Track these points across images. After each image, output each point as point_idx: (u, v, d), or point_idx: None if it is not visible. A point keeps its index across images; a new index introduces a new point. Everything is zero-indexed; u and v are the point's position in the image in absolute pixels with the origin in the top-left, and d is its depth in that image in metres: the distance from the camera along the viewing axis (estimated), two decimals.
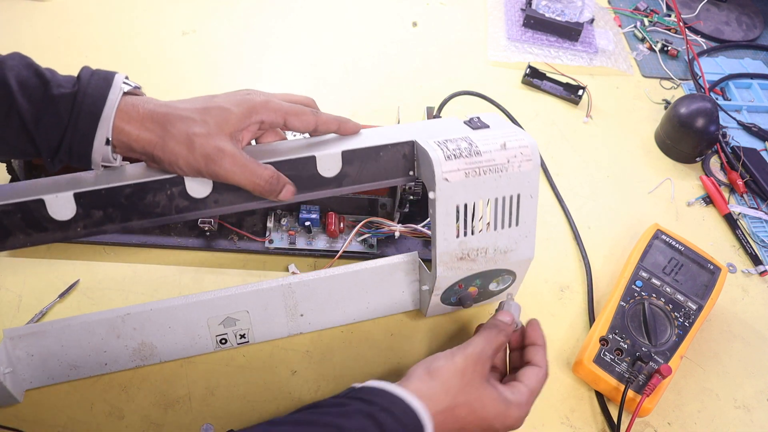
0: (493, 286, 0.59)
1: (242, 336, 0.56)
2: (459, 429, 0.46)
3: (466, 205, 0.51)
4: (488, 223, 0.53)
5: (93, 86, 0.46)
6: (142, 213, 0.50)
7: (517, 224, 0.54)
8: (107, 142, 0.47)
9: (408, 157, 0.54)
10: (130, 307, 0.53)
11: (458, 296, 0.57)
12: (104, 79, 0.47)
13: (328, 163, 0.52)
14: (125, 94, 0.47)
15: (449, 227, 0.52)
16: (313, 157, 0.51)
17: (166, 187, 0.49)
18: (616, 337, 0.60)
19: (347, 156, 0.52)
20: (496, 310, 0.56)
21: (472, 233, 0.53)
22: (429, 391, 0.46)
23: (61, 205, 0.48)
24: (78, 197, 0.48)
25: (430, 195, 0.51)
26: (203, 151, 0.47)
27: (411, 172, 0.55)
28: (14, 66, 0.46)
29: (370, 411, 0.42)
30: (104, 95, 0.46)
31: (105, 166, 0.49)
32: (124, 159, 0.51)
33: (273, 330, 0.57)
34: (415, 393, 0.45)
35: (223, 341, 0.56)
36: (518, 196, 0.53)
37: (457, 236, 0.52)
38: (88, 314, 0.53)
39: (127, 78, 0.49)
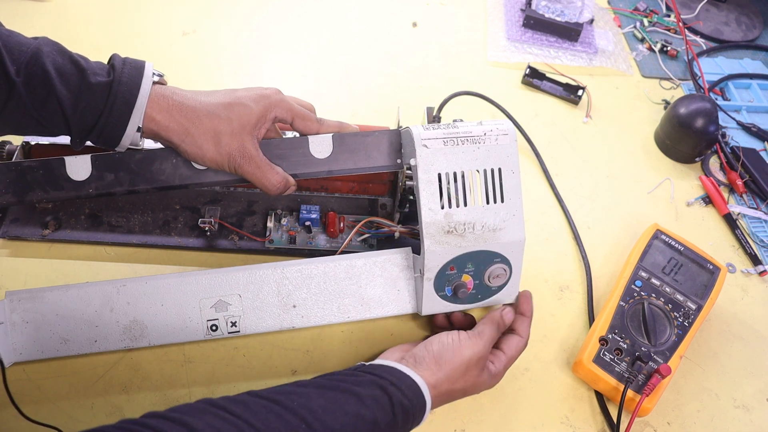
0: (488, 280, 0.58)
1: (233, 324, 0.56)
2: (448, 401, 0.53)
3: (447, 174, 0.54)
4: (471, 192, 0.56)
5: (127, 75, 0.49)
6: (148, 179, 0.54)
7: (502, 200, 0.56)
8: (138, 129, 0.50)
9: (394, 145, 0.58)
10: (127, 279, 0.55)
11: (453, 286, 0.57)
12: (136, 69, 0.50)
13: (320, 146, 0.57)
14: (153, 83, 0.50)
15: (433, 196, 0.54)
16: (306, 139, 0.57)
17: (171, 156, 0.54)
18: (615, 336, 0.60)
19: (337, 139, 0.57)
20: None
21: (457, 205, 0.55)
22: (435, 379, 0.50)
23: (79, 166, 0.54)
24: (94, 159, 0.54)
25: (412, 162, 0.54)
26: (228, 150, 0.52)
27: (398, 161, 0.58)
28: (50, 53, 0.48)
29: (381, 383, 0.47)
30: (137, 84, 0.49)
31: (130, 148, 0.53)
32: None
33: (265, 321, 0.57)
34: (422, 377, 0.50)
35: (214, 328, 0.56)
36: (499, 170, 0.55)
37: (442, 207, 0.54)
38: (87, 283, 0.56)
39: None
